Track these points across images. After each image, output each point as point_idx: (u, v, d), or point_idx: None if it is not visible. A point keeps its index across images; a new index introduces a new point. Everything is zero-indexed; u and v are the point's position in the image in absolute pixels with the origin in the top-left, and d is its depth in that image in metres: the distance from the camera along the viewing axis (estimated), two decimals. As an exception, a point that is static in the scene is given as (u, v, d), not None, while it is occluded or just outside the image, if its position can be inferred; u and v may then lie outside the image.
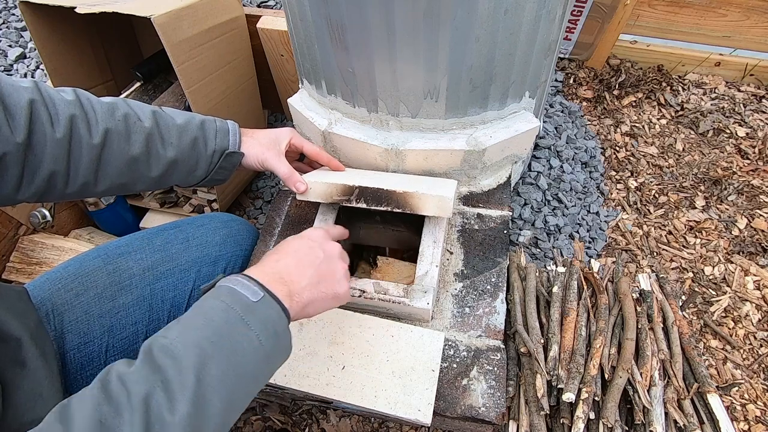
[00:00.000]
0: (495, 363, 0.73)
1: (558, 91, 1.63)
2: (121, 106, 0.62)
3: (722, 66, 1.63)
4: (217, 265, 0.79)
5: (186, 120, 0.67)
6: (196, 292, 0.76)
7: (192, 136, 0.67)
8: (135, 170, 0.63)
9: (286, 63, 1.27)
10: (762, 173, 1.39)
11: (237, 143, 0.72)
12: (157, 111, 0.66)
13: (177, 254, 0.76)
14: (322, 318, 0.75)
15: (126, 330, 0.70)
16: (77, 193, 0.61)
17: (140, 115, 0.63)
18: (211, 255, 0.79)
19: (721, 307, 1.14)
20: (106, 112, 0.60)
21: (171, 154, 0.65)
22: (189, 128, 0.67)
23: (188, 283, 0.76)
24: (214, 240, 0.80)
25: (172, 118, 0.66)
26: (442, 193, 0.74)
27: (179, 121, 0.67)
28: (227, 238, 0.82)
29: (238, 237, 0.84)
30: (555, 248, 1.16)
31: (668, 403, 0.74)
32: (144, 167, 0.64)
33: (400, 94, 0.81)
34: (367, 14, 0.69)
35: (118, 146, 0.60)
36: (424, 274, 0.77)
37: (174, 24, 0.95)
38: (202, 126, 0.69)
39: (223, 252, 0.80)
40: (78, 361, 0.66)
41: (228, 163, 0.72)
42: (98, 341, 0.68)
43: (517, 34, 0.73)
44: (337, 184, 0.77)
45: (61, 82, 1.18)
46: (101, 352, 0.68)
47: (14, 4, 1.89)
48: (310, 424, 1.03)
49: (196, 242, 0.78)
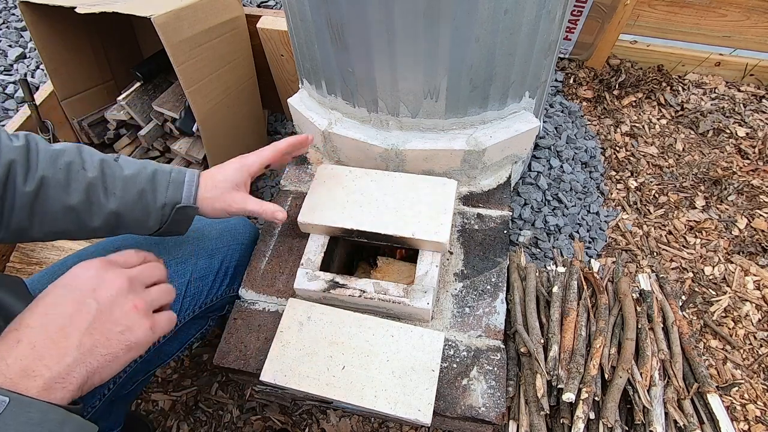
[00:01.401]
0: (495, 363, 0.73)
1: (558, 91, 1.63)
2: (68, 153, 0.60)
3: (722, 66, 1.63)
4: (213, 257, 0.79)
5: (136, 171, 0.64)
6: (192, 285, 0.77)
7: (139, 188, 0.63)
8: (74, 219, 0.61)
9: (286, 63, 1.27)
10: (762, 173, 1.39)
11: (191, 196, 0.66)
12: (106, 161, 0.63)
13: (173, 248, 0.76)
14: (322, 318, 0.75)
15: None
16: (13, 236, 0.60)
17: (86, 163, 0.61)
18: (208, 248, 0.79)
19: (721, 307, 1.14)
20: (49, 159, 0.58)
21: (113, 206, 0.61)
22: (137, 180, 0.63)
23: (185, 275, 0.76)
24: (211, 234, 0.81)
25: (122, 168, 0.63)
26: (439, 239, 0.77)
27: (127, 172, 0.63)
28: (223, 232, 0.82)
29: (234, 231, 0.84)
30: (555, 248, 1.16)
31: (668, 403, 0.74)
32: (85, 216, 0.61)
33: (400, 94, 0.81)
34: (367, 14, 0.69)
35: (55, 194, 0.58)
36: (424, 274, 0.77)
37: (174, 24, 0.95)
38: (153, 177, 0.64)
39: (220, 245, 0.81)
40: None
41: (182, 216, 0.67)
42: None
43: (517, 34, 0.73)
44: (335, 227, 0.81)
45: (61, 82, 1.18)
46: None
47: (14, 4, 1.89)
48: (310, 424, 1.03)
49: (193, 236, 0.79)
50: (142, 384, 0.82)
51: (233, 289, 0.85)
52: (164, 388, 1.10)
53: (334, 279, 0.78)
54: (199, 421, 1.05)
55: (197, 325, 0.85)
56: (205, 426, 1.04)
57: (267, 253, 0.89)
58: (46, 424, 0.37)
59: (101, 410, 0.70)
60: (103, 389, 0.68)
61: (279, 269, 0.87)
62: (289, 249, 0.89)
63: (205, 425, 1.04)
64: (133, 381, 0.77)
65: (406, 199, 0.83)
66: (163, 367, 1.12)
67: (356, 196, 0.84)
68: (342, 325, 0.75)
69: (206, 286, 0.79)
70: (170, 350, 0.82)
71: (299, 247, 0.88)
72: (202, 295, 0.78)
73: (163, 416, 1.06)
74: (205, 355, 1.14)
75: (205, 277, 0.78)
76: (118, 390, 0.72)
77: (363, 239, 0.82)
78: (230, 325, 0.81)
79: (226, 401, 1.07)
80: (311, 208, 0.83)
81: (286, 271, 0.87)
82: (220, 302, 0.83)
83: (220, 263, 0.80)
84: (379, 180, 0.87)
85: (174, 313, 0.51)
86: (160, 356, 0.81)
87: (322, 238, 0.84)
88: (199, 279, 0.77)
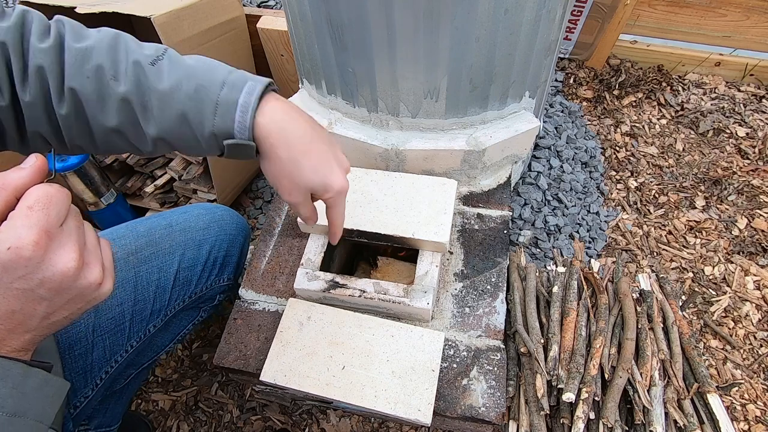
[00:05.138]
0: (495, 363, 0.73)
1: (558, 91, 1.63)
2: (98, 53, 0.47)
3: (722, 66, 1.63)
4: (201, 248, 0.80)
5: (176, 82, 0.48)
6: (180, 274, 0.77)
7: (178, 110, 0.49)
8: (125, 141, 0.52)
9: (286, 63, 1.27)
10: (762, 173, 1.39)
11: (246, 127, 0.49)
12: (141, 64, 0.48)
13: (160, 239, 0.76)
14: (322, 318, 0.75)
15: (112, 310, 0.71)
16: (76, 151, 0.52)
17: (118, 69, 0.48)
18: (195, 239, 0.79)
19: (721, 307, 1.14)
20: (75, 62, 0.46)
21: (152, 132, 0.49)
22: (176, 97, 0.48)
23: (173, 266, 0.76)
24: (198, 225, 0.81)
25: (159, 77, 0.48)
26: (439, 239, 0.77)
27: (165, 84, 0.48)
28: (211, 223, 0.83)
29: (221, 222, 0.84)
30: (555, 248, 1.15)
31: (668, 403, 0.74)
32: (133, 140, 0.51)
33: (400, 94, 0.81)
34: (367, 14, 0.69)
35: (92, 114, 0.48)
36: (424, 274, 0.77)
37: (174, 24, 0.95)
38: (196, 95, 0.49)
39: (207, 236, 0.81)
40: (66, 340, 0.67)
41: (240, 153, 0.51)
42: (85, 321, 0.68)
43: (517, 34, 0.73)
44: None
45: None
46: (88, 331, 0.68)
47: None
48: (310, 424, 1.03)
49: (179, 227, 0.79)
50: (137, 380, 0.82)
51: (223, 280, 0.85)
52: (164, 388, 1.10)
53: (334, 279, 0.78)
54: (199, 421, 1.05)
55: (189, 317, 0.85)
56: (205, 426, 1.04)
57: (267, 253, 0.89)
58: (8, 379, 0.36)
59: (95, 403, 0.70)
60: (95, 378, 0.68)
61: (279, 269, 0.87)
62: (289, 249, 0.89)
63: (205, 425, 1.04)
64: (126, 375, 0.77)
65: (406, 199, 0.83)
66: (162, 361, 1.13)
67: (356, 196, 0.84)
68: (342, 325, 0.75)
69: (195, 275, 0.79)
70: (162, 342, 0.83)
71: (299, 247, 0.88)
72: (191, 285, 0.79)
73: (163, 416, 1.06)
74: (205, 355, 1.14)
75: (193, 267, 0.78)
76: (112, 383, 0.72)
77: (363, 239, 0.82)
78: (230, 325, 0.81)
79: (226, 401, 1.07)
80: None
81: (286, 271, 0.87)
82: (210, 292, 0.84)
83: (207, 253, 0.80)
84: (379, 180, 0.87)
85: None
86: (152, 348, 0.81)
87: (322, 238, 0.84)
88: (187, 269, 0.77)
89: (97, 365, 0.69)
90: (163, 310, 0.76)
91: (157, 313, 0.75)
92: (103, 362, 0.69)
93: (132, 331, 0.72)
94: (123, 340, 0.71)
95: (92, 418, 0.73)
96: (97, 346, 0.69)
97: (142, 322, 0.73)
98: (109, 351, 0.70)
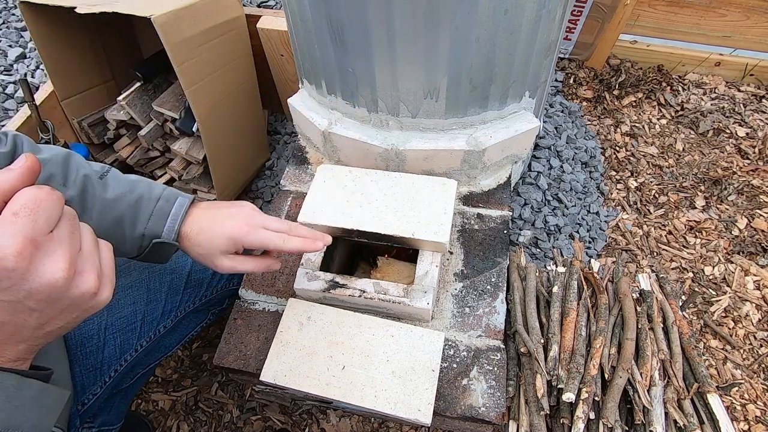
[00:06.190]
0: (495, 363, 0.73)
1: (558, 91, 1.63)
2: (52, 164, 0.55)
3: (722, 66, 1.63)
4: None
5: (120, 194, 0.59)
6: (193, 276, 0.78)
7: (117, 215, 0.58)
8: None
9: (286, 63, 1.27)
10: (762, 173, 1.39)
11: (173, 232, 0.59)
12: (90, 178, 0.58)
13: None
14: (322, 318, 0.75)
15: (124, 309, 0.71)
16: None
17: (68, 179, 0.56)
18: None
19: (721, 307, 1.14)
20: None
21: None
22: (118, 205, 0.58)
23: (185, 267, 0.78)
24: None
25: (105, 189, 0.58)
26: (439, 239, 0.77)
27: (110, 194, 0.58)
28: None
29: None
30: (555, 248, 1.15)
31: (668, 403, 0.74)
32: None
33: (400, 94, 0.81)
34: (367, 14, 0.69)
35: None
36: (424, 274, 0.77)
37: (174, 24, 0.95)
38: (137, 204, 0.59)
39: None
40: (77, 337, 0.67)
41: (162, 251, 0.61)
42: (97, 319, 0.69)
43: (517, 34, 0.73)
44: (336, 227, 0.81)
45: (61, 82, 1.18)
46: (100, 329, 0.69)
47: (14, 4, 1.89)
48: (310, 424, 1.03)
49: None
50: (143, 379, 0.82)
51: (233, 284, 0.86)
52: (164, 388, 1.10)
53: (334, 279, 0.78)
54: (199, 421, 1.05)
55: (197, 319, 0.86)
56: (205, 426, 1.04)
57: (267, 253, 0.89)
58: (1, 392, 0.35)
59: (102, 400, 0.70)
60: (104, 376, 0.69)
61: (279, 269, 0.87)
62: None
63: (205, 425, 1.04)
64: (133, 374, 0.77)
65: (406, 199, 0.83)
66: (163, 361, 1.13)
67: (356, 196, 0.84)
68: (342, 325, 0.75)
69: (206, 278, 0.80)
70: (170, 344, 0.83)
71: (299, 247, 0.88)
72: (201, 288, 0.80)
73: (163, 416, 1.06)
74: (205, 355, 1.14)
75: (204, 269, 0.79)
76: (119, 381, 0.73)
77: (363, 239, 0.82)
78: (230, 325, 0.81)
79: (226, 401, 1.07)
80: (311, 208, 0.83)
81: (286, 271, 0.87)
82: (219, 295, 0.85)
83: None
84: (379, 180, 0.87)
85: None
86: (159, 349, 0.82)
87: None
88: (199, 271, 0.79)
89: (107, 363, 0.69)
90: (173, 311, 0.77)
91: (167, 314, 0.76)
92: (113, 360, 0.70)
93: (143, 331, 0.73)
94: (134, 339, 0.72)
95: (97, 416, 0.73)
96: (108, 344, 0.69)
97: (153, 322, 0.74)
98: (120, 349, 0.70)
